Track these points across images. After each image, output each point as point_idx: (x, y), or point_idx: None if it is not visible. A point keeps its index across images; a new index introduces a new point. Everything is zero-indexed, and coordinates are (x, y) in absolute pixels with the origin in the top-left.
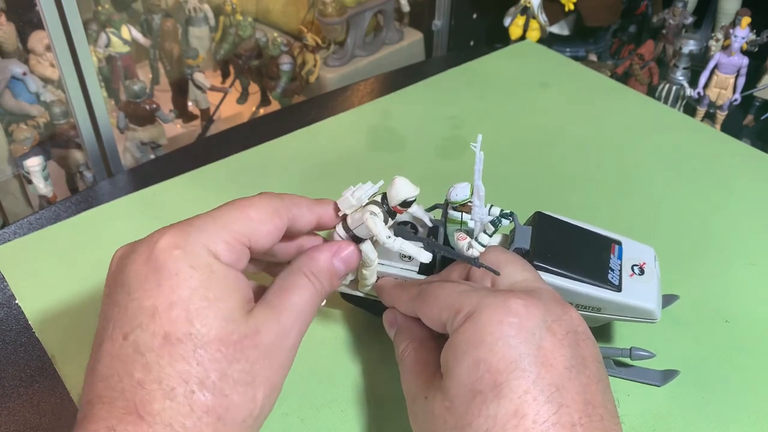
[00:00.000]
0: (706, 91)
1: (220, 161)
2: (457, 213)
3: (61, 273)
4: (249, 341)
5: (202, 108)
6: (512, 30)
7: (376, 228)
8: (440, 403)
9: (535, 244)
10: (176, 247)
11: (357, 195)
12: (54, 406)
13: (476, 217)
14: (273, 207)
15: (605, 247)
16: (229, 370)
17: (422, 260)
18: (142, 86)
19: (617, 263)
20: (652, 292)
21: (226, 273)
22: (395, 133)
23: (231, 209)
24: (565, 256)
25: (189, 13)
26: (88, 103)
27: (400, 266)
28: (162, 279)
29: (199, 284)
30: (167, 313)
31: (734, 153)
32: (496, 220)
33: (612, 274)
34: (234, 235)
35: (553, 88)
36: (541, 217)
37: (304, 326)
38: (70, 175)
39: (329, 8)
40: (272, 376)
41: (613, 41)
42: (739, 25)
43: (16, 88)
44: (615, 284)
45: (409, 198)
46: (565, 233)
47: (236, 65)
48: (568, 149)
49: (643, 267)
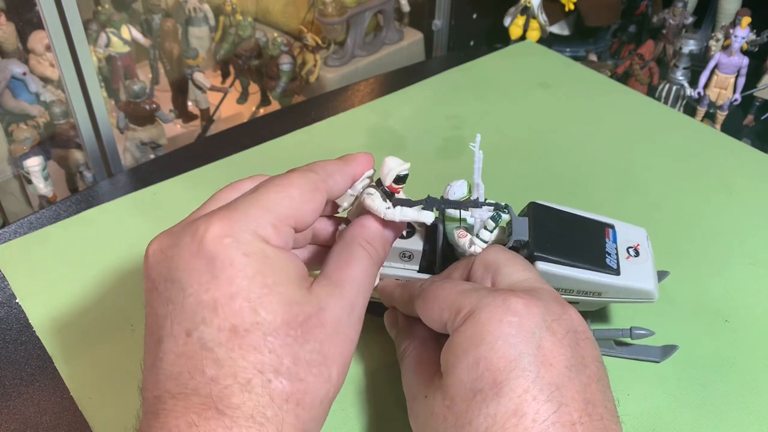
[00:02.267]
0: (706, 91)
1: (220, 161)
2: (456, 211)
3: (61, 272)
4: (315, 320)
5: (202, 108)
6: (512, 30)
7: (374, 204)
8: (440, 402)
9: (534, 235)
10: (226, 235)
11: (354, 186)
12: (54, 404)
13: (476, 214)
14: (312, 184)
15: (600, 232)
16: (301, 353)
17: (425, 221)
18: (142, 86)
19: (613, 247)
20: (648, 273)
21: (279, 256)
22: (395, 133)
23: (271, 190)
24: (564, 245)
25: (189, 13)
26: (88, 103)
27: (401, 266)
28: (217, 271)
29: (255, 271)
30: (229, 305)
31: (734, 153)
32: (496, 215)
33: (610, 259)
34: (279, 217)
35: (553, 88)
36: (536, 207)
37: (366, 297)
38: (70, 175)
39: (329, 8)
40: (343, 351)
41: (613, 41)
42: (739, 25)
43: (16, 88)
44: (614, 268)
45: (401, 172)
46: (560, 221)
47: (236, 65)
48: (568, 149)
49: (637, 248)
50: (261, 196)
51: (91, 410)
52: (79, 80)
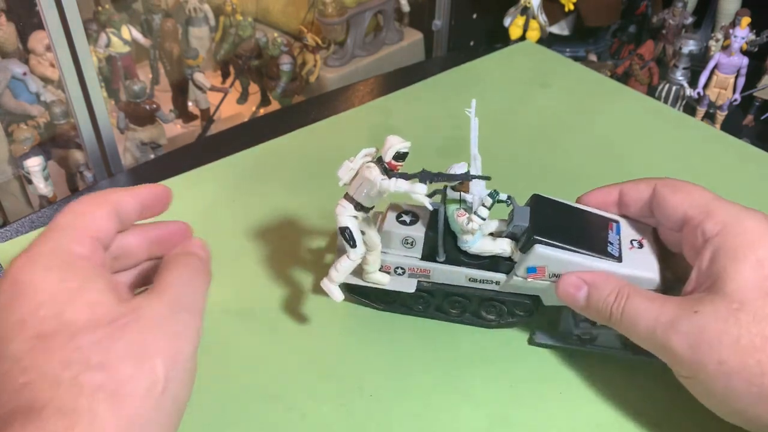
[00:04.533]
0: (705, 91)
1: (220, 161)
2: (456, 193)
3: None
4: (130, 317)
5: (202, 108)
6: (512, 30)
7: (371, 174)
8: (726, 307)
9: (535, 221)
10: (26, 261)
11: (354, 159)
12: None
13: (474, 190)
14: (92, 198)
15: (603, 224)
16: (113, 348)
17: (418, 192)
18: (142, 86)
19: (616, 238)
20: (652, 263)
21: (84, 264)
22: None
23: (58, 216)
24: (565, 231)
25: (189, 13)
26: (88, 103)
27: (403, 254)
28: (19, 291)
29: (59, 279)
30: (35, 315)
31: (735, 152)
32: (494, 192)
33: (611, 248)
34: (75, 230)
35: (553, 88)
36: (539, 198)
37: (195, 294)
38: (70, 175)
39: (329, 8)
40: (170, 345)
41: (612, 41)
42: (739, 25)
43: (16, 89)
44: (615, 256)
45: (401, 149)
46: (563, 211)
47: (236, 65)
48: (568, 149)
49: (642, 242)
50: (52, 223)
51: None
52: (79, 80)
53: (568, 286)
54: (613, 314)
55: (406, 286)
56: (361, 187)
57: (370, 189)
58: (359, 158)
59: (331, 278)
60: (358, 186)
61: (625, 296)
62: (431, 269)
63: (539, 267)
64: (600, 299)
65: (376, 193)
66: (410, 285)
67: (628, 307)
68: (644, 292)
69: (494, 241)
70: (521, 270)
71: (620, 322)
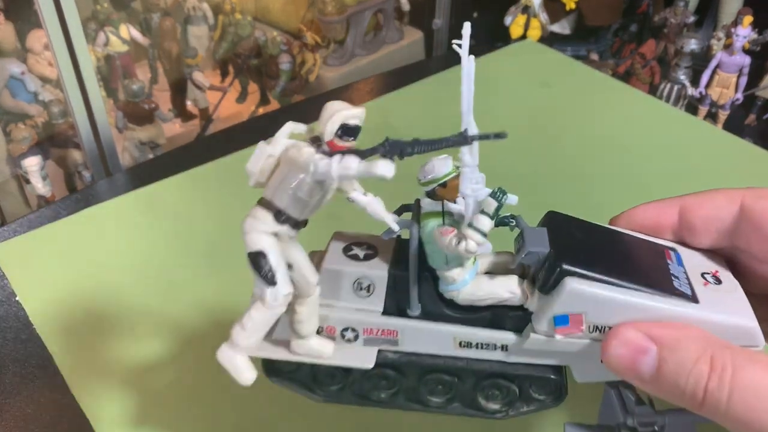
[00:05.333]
0: (707, 91)
1: (219, 160)
2: (436, 202)
3: (61, 270)
4: None
5: (201, 107)
6: (513, 29)
7: (302, 155)
8: None
9: (558, 244)
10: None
11: (274, 140)
12: (54, 401)
13: (467, 188)
14: None
15: (657, 252)
16: None
17: (382, 173)
18: (140, 86)
19: (680, 270)
20: (742, 305)
21: None
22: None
23: None
24: (605, 259)
25: (188, 12)
26: (86, 102)
27: (354, 306)
28: None
29: None
30: None
31: (737, 151)
32: (498, 192)
33: (678, 282)
34: None
35: (554, 87)
36: (556, 216)
37: None
38: (68, 174)
39: (329, 7)
40: None
41: (614, 40)
42: (741, 23)
43: (14, 88)
44: (687, 294)
45: (350, 121)
46: (596, 234)
47: (235, 64)
48: (569, 148)
49: (717, 275)
50: None
51: (91, 407)
52: (77, 80)
53: (624, 347)
54: (711, 396)
55: (360, 359)
56: (285, 182)
57: (300, 183)
58: (281, 137)
59: (235, 342)
60: (280, 182)
61: (730, 363)
62: (399, 330)
63: (573, 315)
64: (682, 369)
65: (308, 190)
66: (367, 358)
67: (739, 383)
68: (759, 356)
69: (495, 280)
70: (543, 323)
71: (727, 409)
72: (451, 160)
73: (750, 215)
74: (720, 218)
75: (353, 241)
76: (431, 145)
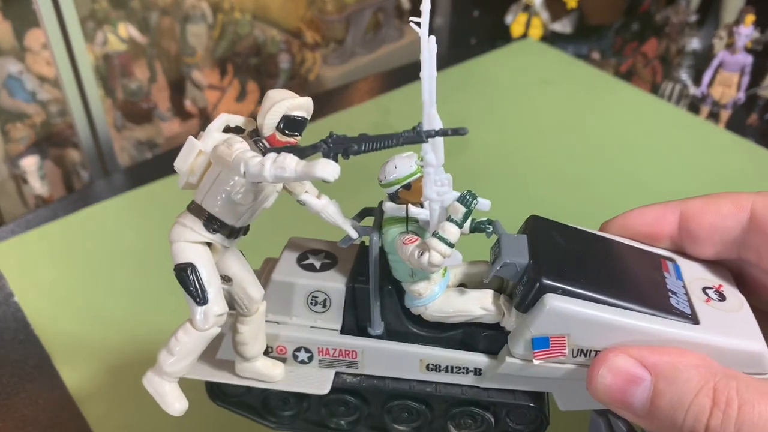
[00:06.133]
0: (710, 90)
1: None
2: (399, 206)
3: (59, 270)
4: None
5: (200, 106)
6: (514, 28)
7: (231, 152)
8: None
9: (539, 255)
10: None
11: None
12: (53, 402)
13: (431, 192)
14: None
15: (652, 264)
16: None
17: (322, 175)
18: (139, 85)
19: (678, 284)
20: (751, 325)
21: None
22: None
23: None
24: (592, 272)
25: (187, 10)
26: (84, 101)
27: (309, 323)
28: None
29: None
30: None
31: (739, 151)
32: (467, 195)
33: (676, 300)
34: None
35: (555, 86)
36: (540, 221)
37: None
38: (66, 174)
39: (329, 5)
40: None
41: (615, 39)
42: (743, 22)
43: (12, 87)
44: (686, 313)
45: (293, 112)
46: (583, 242)
47: (234, 63)
48: (569, 147)
49: (720, 290)
50: None
51: (89, 407)
52: (75, 79)
53: (613, 376)
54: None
55: (314, 384)
56: (216, 184)
57: (234, 186)
58: (213, 131)
59: (162, 368)
60: (210, 184)
61: (735, 397)
62: (359, 351)
63: (554, 338)
64: (680, 402)
65: (243, 193)
66: (322, 382)
67: (747, 420)
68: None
69: (467, 295)
70: (521, 345)
71: None
72: (416, 158)
73: (761, 225)
74: (726, 227)
75: (309, 248)
76: (381, 142)
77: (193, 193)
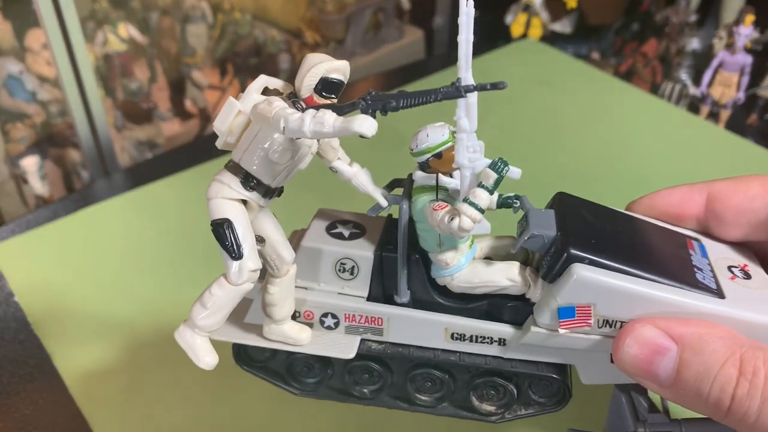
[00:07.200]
0: (710, 90)
1: (218, 159)
2: (429, 175)
3: (59, 270)
4: None
5: (200, 107)
6: (514, 28)
7: (271, 109)
8: None
9: (568, 228)
10: None
11: (245, 96)
12: (53, 402)
13: (463, 158)
14: None
15: (678, 242)
16: None
17: (361, 130)
18: (139, 85)
19: (704, 262)
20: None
21: None
22: (396, 132)
23: None
24: (620, 246)
25: (187, 10)
26: (85, 102)
27: (336, 289)
28: None
29: None
30: None
31: (739, 151)
32: (499, 163)
33: (702, 275)
34: None
35: (556, 86)
36: (566, 198)
37: None
38: (66, 174)
39: (329, 5)
40: None
41: (615, 39)
42: (743, 22)
43: (12, 87)
44: (712, 288)
45: (331, 75)
46: (610, 219)
47: (234, 63)
48: (570, 147)
49: (746, 269)
50: None
51: (89, 407)
52: (76, 79)
53: (639, 346)
54: (739, 404)
55: (340, 348)
56: (255, 142)
57: (270, 141)
58: (253, 92)
59: (194, 321)
60: (249, 142)
61: (763, 367)
62: (385, 318)
63: (580, 307)
64: (706, 372)
65: (278, 149)
66: (348, 347)
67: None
68: None
69: (493, 266)
70: (546, 315)
71: (756, 420)
72: (448, 128)
73: None
74: (753, 209)
75: (338, 218)
76: (420, 98)
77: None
